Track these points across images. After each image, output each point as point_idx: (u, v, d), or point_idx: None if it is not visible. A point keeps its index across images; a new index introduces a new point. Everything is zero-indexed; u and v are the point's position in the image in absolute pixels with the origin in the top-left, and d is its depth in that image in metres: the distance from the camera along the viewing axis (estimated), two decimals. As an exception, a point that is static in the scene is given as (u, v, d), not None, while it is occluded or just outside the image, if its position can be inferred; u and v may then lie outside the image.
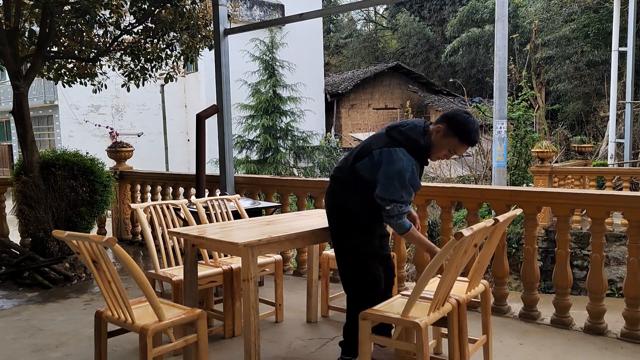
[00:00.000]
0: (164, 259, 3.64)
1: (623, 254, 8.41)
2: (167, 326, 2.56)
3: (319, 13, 7.66)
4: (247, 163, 15.82)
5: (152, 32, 5.89)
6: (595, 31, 17.77)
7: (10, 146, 21.95)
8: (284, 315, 3.91)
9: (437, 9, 29.47)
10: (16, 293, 4.81)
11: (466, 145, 2.80)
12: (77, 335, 3.73)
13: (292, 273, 5.18)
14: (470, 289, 2.83)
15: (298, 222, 3.44)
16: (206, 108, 5.22)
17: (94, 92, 6.61)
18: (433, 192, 4.29)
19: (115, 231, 6.99)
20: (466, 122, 2.76)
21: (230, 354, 3.35)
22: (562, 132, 17.56)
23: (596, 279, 3.53)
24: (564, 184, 9.75)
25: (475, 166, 14.22)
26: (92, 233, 5.79)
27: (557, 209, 3.70)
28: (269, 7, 21.78)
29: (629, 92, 13.26)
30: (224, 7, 5.31)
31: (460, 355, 2.64)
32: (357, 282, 2.97)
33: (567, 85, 19.38)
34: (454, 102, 23.90)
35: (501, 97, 8.67)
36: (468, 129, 2.76)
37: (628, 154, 13.29)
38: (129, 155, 7.02)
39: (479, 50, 24.64)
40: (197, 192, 5.17)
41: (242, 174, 13.16)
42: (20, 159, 5.57)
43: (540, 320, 3.79)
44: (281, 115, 16.13)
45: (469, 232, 2.31)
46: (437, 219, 10.11)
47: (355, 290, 2.99)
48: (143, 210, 3.59)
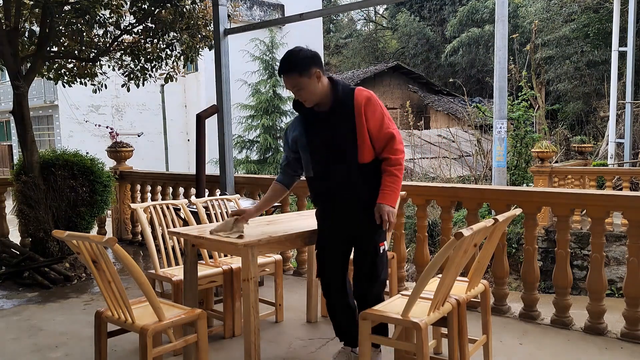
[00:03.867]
0: (164, 259, 3.64)
1: (623, 254, 8.41)
2: (167, 326, 2.56)
3: (319, 13, 7.67)
4: (247, 163, 15.83)
5: (152, 32, 5.89)
6: (595, 31, 17.77)
7: (10, 146, 21.97)
8: (284, 315, 3.91)
9: (437, 9, 29.47)
10: (16, 293, 4.81)
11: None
12: (77, 335, 3.73)
13: (292, 273, 5.18)
14: (470, 289, 2.83)
15: (298, 222, 3.44)
16: (206, 108, 5.22)
17: (94, 92, 6.61)
18: (433, 192, 4.29)
19: (115, 231, 6.99)
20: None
21: (230, 354, 3.35)
22: (562, 132, 17.56)
23: (596, 279, 3.53)
24: (564, 184, 9.75)
25: (475, 166, 14.22)
26: (92, 233, 5.79)
27: (557, 209, 3.70)
28: (269, 7, 21.80)
29: (629, 92, 13.26)
30: (224, 7, 5.31)
31: (460, 355, 2.64)
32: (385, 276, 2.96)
33: (567, 85, 19.39)
34: (454, 102, 23.90)
35: (501, 97, 8.66)
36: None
37: (628, 154, 13.29)
38: (129, 155, 7.02)
39: (479, 50, 24.65)
40: (197, 192, 5.17)
41: (242, 174, 13.16)
42: (20, 159, 5.57)
43: (540, 320, 3.79)
44: (281, 115, 16.14)
45: (469, 232, 2.31)
46: (437, 219, 10.11)
47: (381, 287, 2.95)
48: (143, 210, 3.59)
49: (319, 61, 2.77)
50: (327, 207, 2.99)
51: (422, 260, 4.25)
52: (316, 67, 2.73)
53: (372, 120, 2.73)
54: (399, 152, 2.77)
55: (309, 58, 2.73)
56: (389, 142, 2.75)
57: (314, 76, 2.73)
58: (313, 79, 2.73)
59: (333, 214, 2.95)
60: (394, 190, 2.76)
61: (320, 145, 2.85)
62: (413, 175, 14.68)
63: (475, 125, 16.10)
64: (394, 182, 2.76)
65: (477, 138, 14.42)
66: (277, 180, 3.16)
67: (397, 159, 2.76)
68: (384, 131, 2.74)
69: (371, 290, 2.90)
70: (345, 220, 2.90)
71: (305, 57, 2.73)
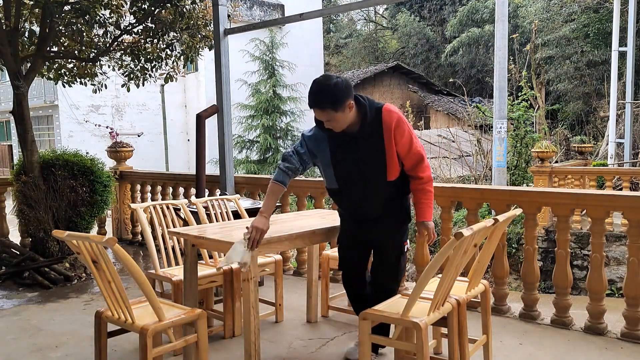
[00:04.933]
0: (164, 259, 3.64)
1: (623, 254, 8.41)
2: (167, 326, 2.56)
3: (319, 13, 7.67)
4: (247, 163, 15.83)
5: (152, 32, 5.89)
6: (595, 31, 17.77)
7: (10, 146, 21.95)
8: (284, 315, 3.91)
9: (437, 9, 29.47)
10: (16, 293, 4.81)
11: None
12: (77, 335, 3.73)
13: (292, 273, 5.18)
14: (470, 289, 2.83)
15: (298, 222, 3.45)
16: (206, 108, 5.23)
17: (94, 92, 6.61)
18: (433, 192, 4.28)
19: (115, 231, 6.99)
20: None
21: (230, 354, 3.35)
22: (562, 132, 17.56)
23: (596, 279, 3.53)
24: (564, 184, 9.75)
25: (475, 166, 14.20)
26: (92, 233, 5.79)
27: (557, 209, 3.70)
28: (269, 7, 21.79)
29: (629, 92, 13.26)
30: (224, 7, 5.32)
31: (460, 355, 2.64)
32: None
33: (567, 85, 19.39)
34: (454, 102, 23.90)
35: (501, 97, 8.65)
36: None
37: (628, 154, 13.29)
38: (129, 155, 7.02)
39: (479, 50, 24.65)
40: (197, 192, 5.17)
41: (242, 174, 13.17)
42: (20, 159, 5.57)
43: (540, 320, 3.79)
44: (281, 115, 16.15)
45: (469, 232, 2.31)
46: (437, 219, 10.10)
47: (399, 283, 3.13)
48: (143, 210, 3.59)
49: (351, 91, 2.73)
50: (351, 214, 3.09)
51: (422, 260, 4.25)
52: (350, 99, 2.71)
53: (401, 142, 2.77)
54: (428, 170, 2.90)
55: (343, 91, 2.67)
56: (419, 162, 2.85)
57: (347, 108, 2.70)
58: (346, 111, 2.71)
59: (357, 222, 3.06)
60: (431, 206, 2.95)
61: (347, 164, 2.87)
62: (413, 175, 14.64)
63: (475, 125, 16.09)
64: (429, 199, 2.92)
65: (477, 138, 14.41)
66: (277, 180, 3.02)
67: (428, 176, 2.89)
68: (412, 152, 2.81)
69: (389, 284, 3.04)
70: (368, 228, 3.02)
71: (340, 90, 2.67)
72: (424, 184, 2.88)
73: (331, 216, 3.67)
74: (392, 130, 2.73)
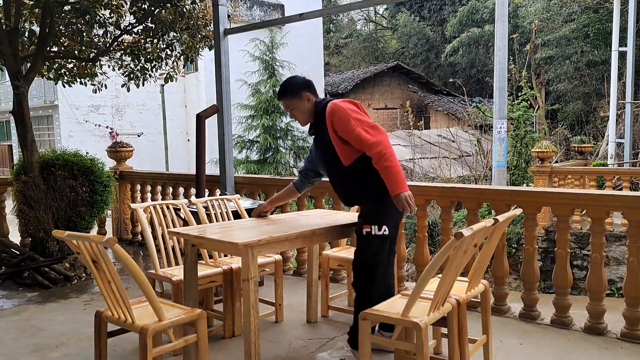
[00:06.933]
0: (164, 259, 3.64)
1: (623, 254, 8.41)
2: (167, 326, 2.56)
3: (319, 13, 7.67)
4: (247, 163, 15.81)
5: (152, 32, 5.89)
6: (595, 31, 17.78)
7: (10, 146, 21.96)
8: (284, 315, 3.91)
9: (437, 9, 29.48)
10: (16, 293, 4.81)
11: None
12: (77, 335, 3.73)
13: (292, 273, 5.18)
14: (470, 289, 2.83)
15: (298, 222, 3.45)
16: (206, 108, 5.22)
17: (94, 92, 6.61)
18: (433, 192, 4.29)
19: (115, 231, 6.99)
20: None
21: (230, 354, 3.35)
22: (562, 132, 17.56)
23: (596, 279, 3.53)
24: (564, 184, 9.75)
25: (475, 166, 14.21)
26: (92, 233, 5.80)
27: (557, 209, 3.70)
28: (269, 7, 21.78)
29: (629, 92, 13.26)
30: (224, 7, 5.31)
31: (460, 355, 2.64)
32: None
33: (567, 85, 19.39)
34: (454, 102, 23.91)
35: (501, 97, 8.66)
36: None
37: (628, 154, 13.28)
38: (129, 155, 7.02)
39: (479, 50, 24.66)
40: (197, 192, 5.17)
41: (242, 174, 13.16)
42: (20, 159, 5.57)
43: (540, 320, 3.79)
44: (281, 115, 16.12)
45: (469, 232, 2.31)
46: (437, 219, 10.11)
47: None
48: (143, 210, 3.59)
49: (310, 86, 3.20)
50: (341, 201, 3.51)
51: (422, 260, 4.25)
52: (306, 91, 3.17)
53: (339, 128, 3.02)
54: (375, 147, 2.94)
55: (300, 84, 3.19)
56: (361, 142, 2.97)
57: (304, 98, 3.16)
58: (304, 100, 3.16)
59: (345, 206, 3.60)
60: (394, 178, 2.94)
61: (319, 156, 3.36)
62: (413, 175, 14.69)
63: (475, 125, 16.10)
64: (389, 173, 2.95)
65: (477, 138, 14.42)
66: (294, 183, 3.66)
67: (377, 152, 2.94)
68: (351, 135, 2.99)
69: (357, 270, 3.13)
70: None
71: (297, 83, 3.20)
72: (378, 161, 2.94)
73: (331, 216, 3.67)
74: (329, 120, 3.04)
